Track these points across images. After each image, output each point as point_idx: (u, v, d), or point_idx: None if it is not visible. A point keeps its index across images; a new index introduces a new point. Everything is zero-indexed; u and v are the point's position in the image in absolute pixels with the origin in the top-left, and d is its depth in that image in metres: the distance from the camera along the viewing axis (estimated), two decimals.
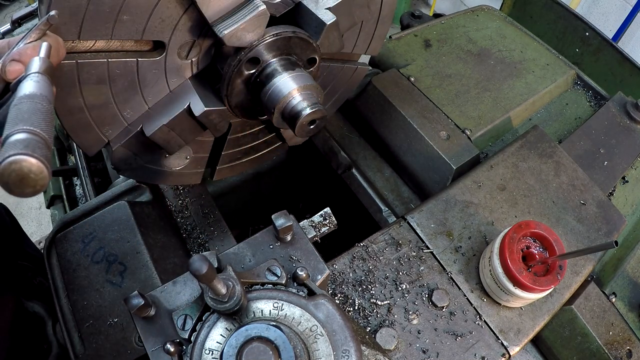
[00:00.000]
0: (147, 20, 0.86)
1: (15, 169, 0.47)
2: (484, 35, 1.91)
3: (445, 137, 1.49)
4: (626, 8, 3.86)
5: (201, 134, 1.08)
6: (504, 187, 1.30)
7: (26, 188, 0.49)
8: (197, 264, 0.55)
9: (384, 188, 1.56)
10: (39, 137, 0.52)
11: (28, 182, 0.48)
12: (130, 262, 1.13)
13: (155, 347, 0.71)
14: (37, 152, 0.49)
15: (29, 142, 0.50)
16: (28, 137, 0.50)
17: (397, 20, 2.37)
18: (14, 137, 0.50)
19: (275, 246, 0.81)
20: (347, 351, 0.65)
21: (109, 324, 1.06)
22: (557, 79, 1.80)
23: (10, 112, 0.55)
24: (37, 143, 0.50)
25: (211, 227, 1.35)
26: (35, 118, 0.54)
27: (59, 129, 2.09)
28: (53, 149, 2.27)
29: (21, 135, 0.50)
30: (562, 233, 1.25)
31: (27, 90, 0.60)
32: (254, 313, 0.66)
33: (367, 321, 1.07)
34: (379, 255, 1.16)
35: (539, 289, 1.01)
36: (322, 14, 0.99)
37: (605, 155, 1.56)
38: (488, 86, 1.70)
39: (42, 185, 0.49)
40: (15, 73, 0.68)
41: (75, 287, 1.11)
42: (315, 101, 0.99)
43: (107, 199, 1.29)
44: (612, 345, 1.18)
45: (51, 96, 0.62)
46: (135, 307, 0.70)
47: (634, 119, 1.67)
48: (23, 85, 0.61)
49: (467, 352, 1.05)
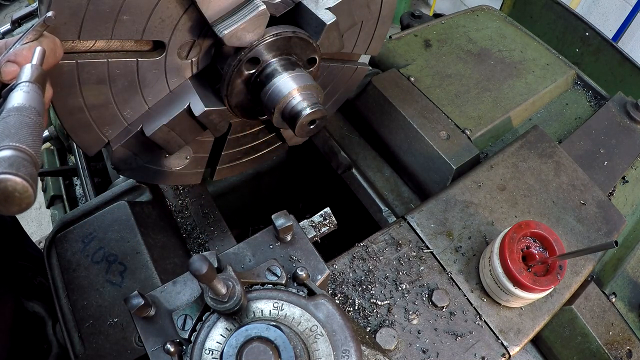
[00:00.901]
0: (147, 20, 0.86)
1: (0, 188, 0.47)
2: (484, 35, 1.91)
3: (445, 137, 1.49)
4: (626, 8, 3.86)
5: (201, 134, 1.08)
6: (504, 187, 1.30)
7: (11, 207, 0.49)
8: (197, 264, 0.55)
9: (384, 188, 1.56)
10: (25, 153, 0.51)
11: (13, 201, 0.48)
12: (130, 262, 1.13)
13: (155, 347, 0.71)
14: (22, 170, 0.49)
15: (14, 160, 0.50)
16: (13, 155, 0.50)
17: (397, 20, 2.37)
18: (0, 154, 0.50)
19: (275, 246, 0.81)
20: (347, 351, 0.65)
21: (109, 324, 1.06)
22: (557, 79, 1.80)
23: None
24: (22, 161, 0.50)
25: (211, 227, 1.35)
26: (22, 133, 0.54)
27: (59, 129, 2.09)
28: (53, 149, 2.27)
29: (6, 152, 0.50)
30: (562, 233, 1.25)
31: (16, 101, 0.60)
32: (254, 313, 0.66)
33: (367, 321, 1.07)
34: (379, 255, 1.16)
35: (539, 289, 1.01)
36: (322, 14, 0.99)
37: (605, 155, 1.56)
38: (488, 86, 1.70)
39: (27, 203, 0.49)
40: (11, 74, 0.68)
41: (75, 287, 1.11)
42: (315, 101, 0.99)
43: (107, 199, 1.29)
44: (612, 345, 1.18)
45: (41, 107, 0.62)
46: (135, 307, 0.70)
47: (634, 119, 1.67)
48: (12, 96, 0.61)
49: (467, 352, 1.05)
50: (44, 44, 0.71)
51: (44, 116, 0.71)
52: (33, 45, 0.69)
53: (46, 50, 0.71)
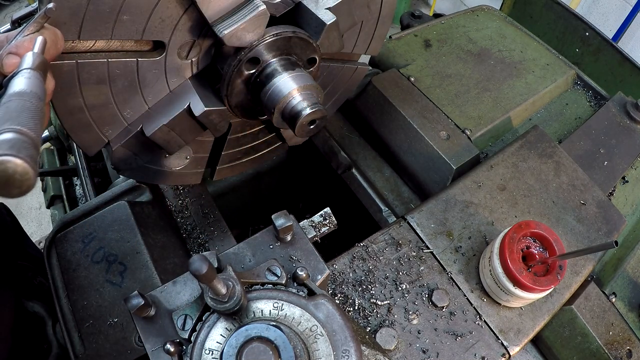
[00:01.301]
0: (147, 20, 0.86)
1: (0, 169, 0.47)
2: (484, 35, 1.91)
3: (445, 137, 1.49)
4: (626, 8, 3.86)
5: (201, 134, 1.08)
6: (504, 187, 1.30)
7: (11, 189, 0.48)
8: (197, 264, 0.55)
9: (384, 188, 1.56)
10: (26, 136, 0.51)
11: (13, 183, 0.48)
12: (130, 262, 1.13)
13: (155, 347, 0.71)
14: (23, 152, 0.48)
15: (15, 142, 0.49)
16: (14, 137, 0.50)
17: (397, 20, 2.37)
18: (0, 137, 0.49)
19: (275, 246, 0.81)
20: (347, 351, 0.65)
21: (109, 324, 1.06)
22: (557, 79, 1.80)
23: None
24: (23, 143, 0.50)
25: (211, 227, 1.35)
26: (23, 116, 0.54)
27: (59, 128, 2.09)
28: (53, 149, 2.27)
29: (7, 135, 0.49)
30: (562, 233, 1.25)
31: (17, 87, 0.59)
32: (254, 313, 0.66)
33: (367, 321, 1.07)
34: (379, 255, 1.16)
35: (539, 289, 1.01)
36: (322, 14, 0.99)
37: (605, 155, 1.56)
38: (488, 86, 1.70)
39: (27, 186, 0.49)
40: (12, 66, 0.67)
41: (75, 287, 1.11)
42: (315, 101, 0.99)
43: (107, 199, 1.29)
44: (612, 345, 1.18)
45: (42, 93, 0.61)
46: (135, 307, 0.70)
47: (634, 119, 1.67)
48: (14, 82, 0.60)
49: (467, 352, 1.05)
50: (45, 35, 0.71)
51: (46, 108, 0.70)
52: (34, 37, 0.69)
53: (47, 41, 0.70)
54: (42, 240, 3.22)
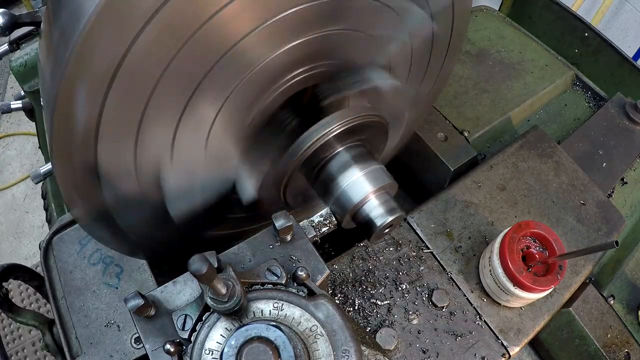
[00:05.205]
0: None
1: None
2: (482, 35, 1.91)
3: (442, 138, 1.49)
4: None
5: None
6: (503, 187, 1.30)
7: None
8: (197, 264, 0.54)
9: None
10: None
11: None
12: (127, 264, 1.13)
13: (155, 347, 0.71)
14: None
15: None
16: None
17: None
18: None
19: (275, 246, 0.81)
20: (347, 351, 0.64)
21: (105, 325, 1.05)
22: (556, 79, 1.80)
23: None
24: None
25: None
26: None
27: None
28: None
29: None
30: (562, 233, 1.25)
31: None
32: (254, 313, 0.66)
33: (367, 321, 1.06)
34: (379, 255, 1.16)
35: (539, 289, 1.01)
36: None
37: (604, 157, 1.56)
38: (486, 87, 1.70)
39: None
40: None
41: (72, 289, 1.11)
42: (393, 206, 0.84)
43: None
44: (610, 347, 1.18)
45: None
46: (135, 307, 0.70)
47: (633, 120, 1.67)
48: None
49: (467, 352, 1.04)
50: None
51: None
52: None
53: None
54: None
